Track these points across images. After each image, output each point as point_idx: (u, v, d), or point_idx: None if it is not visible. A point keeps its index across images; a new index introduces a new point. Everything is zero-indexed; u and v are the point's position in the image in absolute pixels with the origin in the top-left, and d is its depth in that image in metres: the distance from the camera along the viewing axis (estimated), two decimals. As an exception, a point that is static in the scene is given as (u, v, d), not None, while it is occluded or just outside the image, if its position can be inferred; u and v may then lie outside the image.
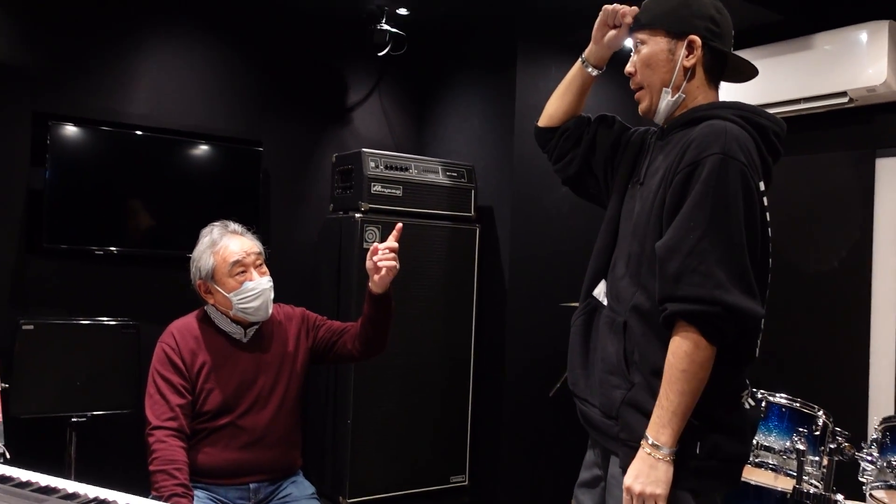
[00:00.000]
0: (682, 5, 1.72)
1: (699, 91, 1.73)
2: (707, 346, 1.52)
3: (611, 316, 1.75)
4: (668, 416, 1.53)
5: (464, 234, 3.54)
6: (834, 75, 3.00)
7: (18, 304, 3.09)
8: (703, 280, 1.51)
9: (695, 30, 1.69)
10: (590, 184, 2.01)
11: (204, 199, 3.41)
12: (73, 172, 3.13)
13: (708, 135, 1.59)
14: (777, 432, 2.49)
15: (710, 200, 1.54)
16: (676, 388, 1.53)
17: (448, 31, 3.92)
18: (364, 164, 3.32)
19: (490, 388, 3.59)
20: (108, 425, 3.12)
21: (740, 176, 1.55)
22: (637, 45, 1.77)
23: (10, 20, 3.07)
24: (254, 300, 2.21)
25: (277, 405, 2.27)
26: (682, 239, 1.55)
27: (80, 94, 3.22)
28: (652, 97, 1.75)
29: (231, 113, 3.59)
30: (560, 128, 2.02)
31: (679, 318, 1.54)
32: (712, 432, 1.60)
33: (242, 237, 2.30)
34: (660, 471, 1.54)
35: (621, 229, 1.82)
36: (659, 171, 1.69)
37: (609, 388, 1.69)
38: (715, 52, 1.72)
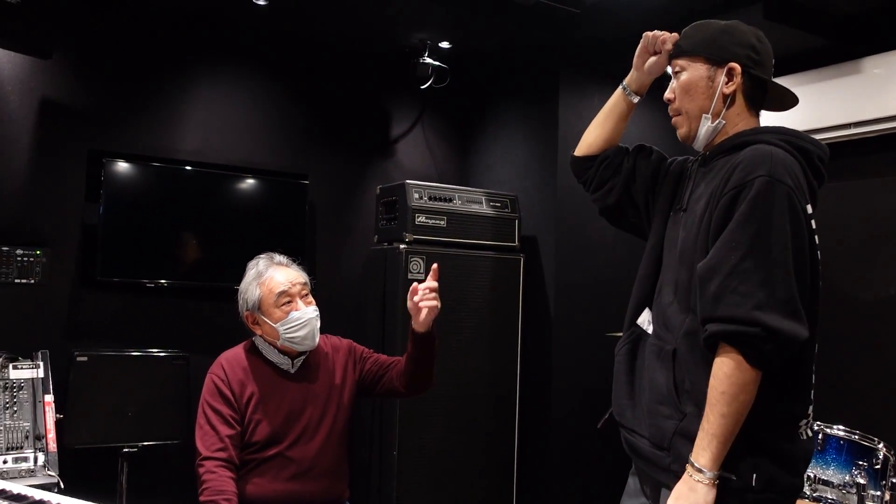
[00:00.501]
0: (723, 33, 1.73)
1: (739, 118, 1.72)
2: (748, 369, 1.49)
3: (658, 344, 1.72)
4: (709, 439, 1.51)
5: (508, 264, 3.53)
6: (884, 99, 2.94)
7: (73, 337, 3.17)
8: (742, 300, 1.49)
9: (735, 57, 1.69)
10: (629, 213, 2.00)
11: (251, 231, 3.47)
12: (125, 207, 3.22)
13: (754, 158, 1.58)
14: (836, 465, 2.41)
15: (754, 222, 1.52)
16: (717, 410, 1.50)
17: (490, 62, 3.95)
18: (408, 195, 3.35)
19: (536, 418, 3.55)
20: (159, 455, 3.16)
21: (787, 198, 1.54)
22: (676, 71, 1.77)
23: (67, 63, 3.19)
24: (300, 329, 2.23)
25: (325, 436, 2.28)
26: (724, 259, 1.53)
27: (133, 131, 3.33)
28: (691, 123, 1.75)
29: (277, 147, 3.67)
30: (600, 156, 2.03)
31: (720, 338, 1.52)
32: (768, 463, 1.56)
33: (288, 268, 2.33)
34: (699, 493, 1.52)
35: (665, 257, 1.81)
36: (703, 196, 1.68)
37: (660, 418, 1.66)
38: (755, 79, 1.72)
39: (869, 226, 3.13)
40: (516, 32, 3.48)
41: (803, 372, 1.63)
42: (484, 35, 3.57)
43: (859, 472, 2.32)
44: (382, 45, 3.78)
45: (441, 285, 3.29)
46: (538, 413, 3.54)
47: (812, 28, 3.08)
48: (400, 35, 3.61)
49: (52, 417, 2.61)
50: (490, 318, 3.47)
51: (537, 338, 3.57)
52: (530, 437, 3.56)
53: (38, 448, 2.53)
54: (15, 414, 2.56)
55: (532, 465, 3.56)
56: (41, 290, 3.11)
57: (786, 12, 2.98)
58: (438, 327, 3.29)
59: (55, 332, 3.14)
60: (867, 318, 3.10)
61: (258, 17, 3.45)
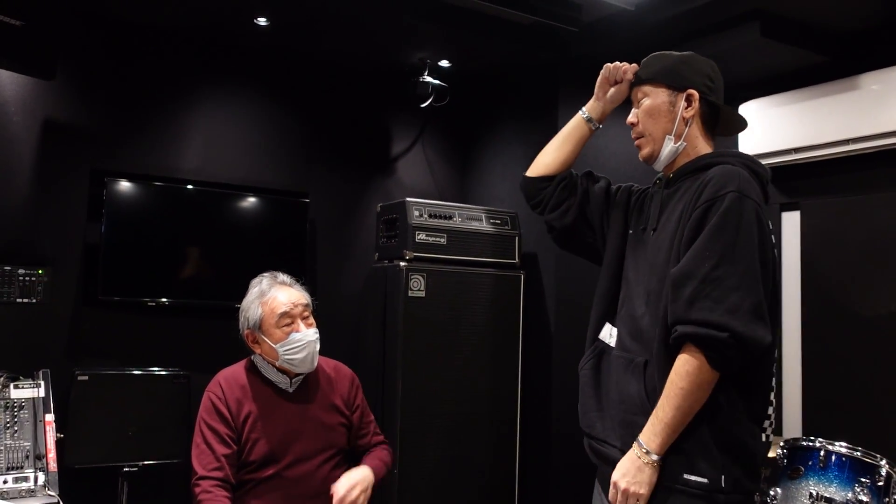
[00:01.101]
0: (682, 63, 1.88)
1: (698, 140, 1.88)
2: (709, 371, 1.61)
3: (626, 357, 1.82)
4: (661, 427, 1.65)
5: (509, 281, 3.54)
6: (882, 115, 2.95)
7: (74, 356, 3.17)
8: (715, 305, 1.60)
9: (693, 84, 1.85)
10: (586, 234, 2.13)
11: (253, 250, 3.48)
12: (127, 226, 3.23)
13: (723, 175, 1.71)
14: (838, 483, 2.39)
15: (726, 233, 1.65)
16: (673, 402, 1.63)
17: (489, 80, 3.98)
18: (408, 212, 3.36)
19: (537, 435, 3.54)
20: (159, 475, 3.15)
21: (754, 213, 1.67)
22: (640, 97, 1.92)
23: (70, 84, 3.21)
24: (299, 352, 2.23)
25: (323, 458, 2.27)
26: (698, 266, 1.65)
27: (135, 151, 3.34)
28: (654, 144, 1.88)
29: (278, 166, 3.68)
30: (557, 177, 2.14)
31: (689, 339, 1.64)
32: (735, 466, 1.67)
33: (291, 288, 2.34)
34: (645, 473, 1.66)
35: (630, 276, 1.91)
36: (674, 213, 1.80)
37: (636, 428, 1.75)
38: (711, 105, 1.87)
39: (868, 242, 3.13)
40: (515, 51, 3.50)
41: (766, 375, 1.74)
42: (483, 54, 3.60)
43: (862, 490, 2.31)
44: (382, 64, 3.80)
45: (441, 302, 3.34)
46: (539, 430, 3.53)
47: (809, 45, 3.10)
48: (400, 54, 3.64)
49: (53, 437, 2.60)
50: (490, 334, 3.47)
51: (538, 354, 3.57)
52: (531, 454, 3.55)
53: (39, 468, 2.53)
54: (16, 434, 2.56)
55: (533, 482, 3.54)
56: (43, 310, 3.11)
57: (783, 30, 3.00)
58: (440, 344, 3.32)
59: (56, 351, 3.14)
60: (868, 334, 3.10)
61: (259, 37, 3.48)
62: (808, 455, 2.49)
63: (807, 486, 2.44)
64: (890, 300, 3.04)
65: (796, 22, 3.02)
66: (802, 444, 2.53)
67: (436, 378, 3.32)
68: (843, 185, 3.23)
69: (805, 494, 2.42)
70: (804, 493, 2.43)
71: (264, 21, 3.25)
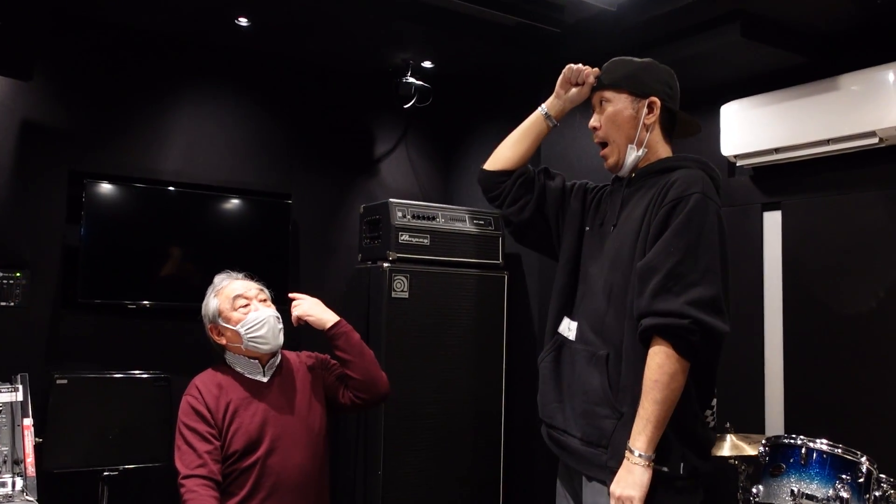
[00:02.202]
0: (643, 70, 1.95)
1: (659, 146, 1.95)
2: (678, 359, 1.68)
3: (588, 350, 1.89)
4: (643, 424, 1.69)
5: (492, 281, 3.54)
6: (862, 116, 2.98)
7: (53, 359, 3.13)
8: (675, 297, 1.69)
9: (654, 92, 1.92)
10: (540, 228, 2.19)
11: (235, 251, 3.46)
12: (107, 229, 3.20)
13: (688, 178, 1.80)
14: (819, 480, 2.41)
15: (690, 231, 1.73)
16: (650, 397, 1.68)
17: (472, 81, 3.98)
18: (391, 214, 3.35)
19: (522, 436, 3.54)
20: (141, 479, 3.12)
21: (716, 214, 1.78)
22: (602, 102, 1.99)
23: (47, 85, 3.18)
24: (260, 328, 2.27)
25: (304, 445, 2.28)
26: (662, 262, 1.73)
27: (115, 152, 3.31)
28: (619, 153, 1.95)
29: (261, 167, 3.66)
30: (515, 172, 2.21)
31: (653, 331, 1.71)
32: (691, 454, 1.76)
33: (244, 280, 2.41)
34: (635, 475, 1.69)
35: (589, 269, 1.98)
36: (636, 210, 1.87)
37: (598, 418, 1.82)
38: (669, 111, 1.95)
39: (848, 241, 3.15)
40: (498, 52, 3.51)
41: (714, 367, 1.83)
42: (466, 55, 3.60)
43: (843, 486, 2.32)
44: (365, 64, 3.80)
45: (425, 303, 3.33)
46: (524, 430, 3.53)
47: (789, 46, 3.12)
48: (383, 55, 3.63)
49: (31, 441, 2.56)
50: (474, 335, 3.47)
51: (522, 354, 3.57)
52: (516, 455, 3.55)
53: (17, 473, 2.49)
54: (-7, 438, 2.52)
55: (518, 483, 3.54)
56: (21, 313, 3.07)
57: (763, 30, 3.02)
58: (424, 345, 3.32)
59: (35, 354, 3.10)
60: (849, 333, 3.12)
61: (240, 38, 3.46)
62: (789, 452, 2.50)
63: (788, 484, 2.45)
64: (870, 298, 3.07)
65: (776, 23, 3.04)
66: (784, 441, 2.54)
67: (420, 379, 3.31)
68: (824, 185, 3.25)
69: (787, 492, 2.44)
70: (786, 490, 2.44)
71: (245, 22, 3.23)
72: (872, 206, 3.09)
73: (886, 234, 3.04)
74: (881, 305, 3.03)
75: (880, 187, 3.07)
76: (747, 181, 3.51)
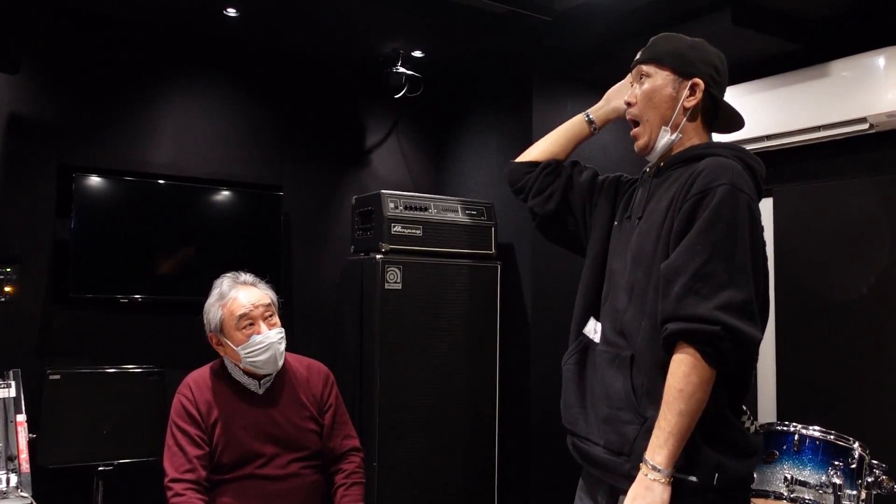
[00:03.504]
0: (690, 48, 1.79)
1: (695, 132, 1.79)
2: (706, 367, 1.53)
3: (611, 351, 1.75)
4: (665, 437, 1.53)
5: (485, 271, 3.53)
6: (852, 102, 2.98)
7: (45, 354, 3.12)
8: (704, 301, 1.54)
9: (700, 73, 1.76)
10: (568, 221, 2.06)
11: (227, 244, 3.45)
12: (97, 222, 3.18)
13: (716, 167, 1.64)
14: (812, 466, 2.42)
15: (718, 227, 1.58)
16: (674, 408, 1.53)
17: (463, 71, 3.96)
18: (384, 205, 3.34)
19: (516, 427, 3.55)
20: (135, 473, 3.11)
21: (747, 207, 1.61)
22: (641, 77, 1.81)
23: (35, 78, 3.15)
24: (261, 354, 2.20)
25: (294, 457, 2.25)
26: (689, 261, 1.58)
27: (104, 145, 3.29)
28: (651, 134, 1.80)
29: (251, 159, 3.64)
30: (541, 163, 2.08)
31: (679, 337, 1.56)
32: (725, 459, 1.60)
33: (253, 288, 2.29)
34: (656, 492, 1.54)
35: (614, 265, 1.84)
36: (661, 203, 1.73)
37: (620, 424, 1.68)
38: (713, 98, 1.78)
39: (838, 227, 3.16)
40: (489, 41, 3.49)
41: (749, 372, 1.69)
42: (457, 44, 3.58)
43: (835, 472, 2.33)
44: (355, 54, 3.77)
45: (418, 295, 3.33)
46: (518, 421, 3.54)
47: (780, 32, 3.11)
48: (373, 45, 3.61)
49: (25, 437, 2.55)
50: (468, 326, 3.47)
51: (516, 345, 3.57)
52: (510, 446, 3.56)
53: (11, 469, 2.48)
54: (-14, 435, 2.51)
55: (513, 474, 3.55)
56: (12, 308, 3.05)
57: (754, 17, 3.01)
58: (417, 336, 3.31)
59: (27, 350, 3.09)
60: (840, 319, 3.14)
61: (229, 29, 3.44)
62: (782, 439, 2.52)
63: (782, 470, 2.46)
64: (861, 284, 3.08)
65: (767, 9, 3.04)
66: (777, 428, 2.55)
67: (413, 370, 3.32)
68: (815, 172, 3.26)
69: (780, 478, 2.45)
70: (779, 476, 2.46)
71: (234, 12, 3.21)
72: (864, 192, 3.09)
73: (878, 221, 3.05)
74: (872, 292, 3.04)
75: (871, 173, 3.08)
76: (739, 168, 3.51)
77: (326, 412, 2.36)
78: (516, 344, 3.57)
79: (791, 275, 3.32)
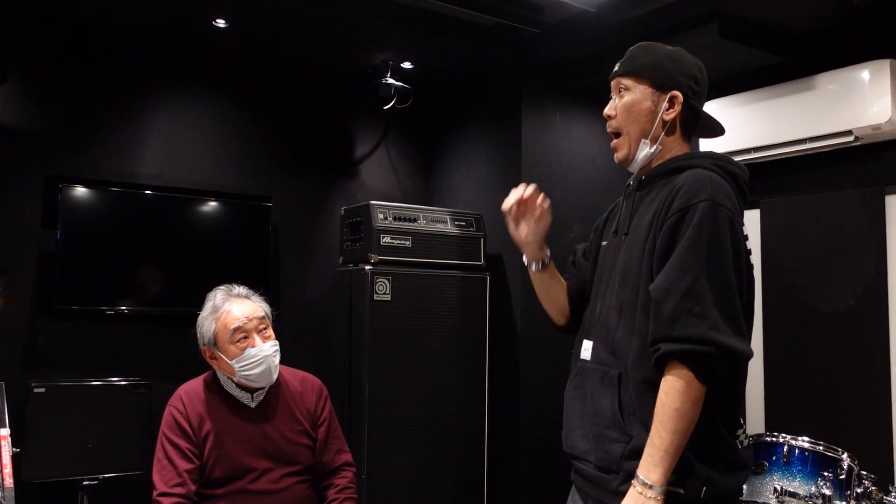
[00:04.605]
0: (668, 59, 1.79)
1: (675, 144, 1.80)
2: (699, 386, 1.56)
3: (601, 370, 1.76)
4: (660, 455, 1.55)
5: (474, 282, 3.53)
6: (838, 114, 3.01)
7: (30, 367, 3.08)
8: (697, 321, 1.55)
9: (678, 86, 1.76)
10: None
11: (214, 255, 3.43)
12: (83, 234, 3.16)
13: (695, 182, 1.65)
14: (801, 477, 2.43)
15: (703, 245, 1.59)
16: (669, 426, 1.55)
17: (452, 82, 3.97)
18: (373, 216, 3.34)
19: (506, 438, 3.54)
20: (121, 488, 3.08)
21: (728, 222, 1.62)
22: (620, 89, 1.81)
23: (21, 88, 3.13)
24: (256, 367, 2.18)
25: (287, 471, 2.23)
26: (677, 281, 1.59)
27: (90, 156, 3.27)
28: (630, 146, 1.80)
29: (240, 170, 3.63)
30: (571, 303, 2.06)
31: (672, 357, 1.57)
32: (714, 473, 1.62)
33: (246, 300, 2.27)
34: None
35: (604, 283, 1.85)
36: (645, 217, 1.73)
37: (607, 442, 1.69)
38: (692, 108, 1.79)
39: (825, 238, 3.19)
40: (478, 52, 3.50)
41: (740, 385, 1.70)
42: (446, 55, 3.59)
43: (825, 483, 2.34)
44: (344, 65, 3.77)
45: (407, 306, 3.32)
46: (507, 432, 3.53)
47: (767, 46, 3.14)
48: (362, 56, 3.61)
49: (9, 452, 2.52)
50: (457, 337, 3.46)
51: (505, 356, 3.57)
52: (499, 457, 3.55)
53: (-6, 484, 2.45)
54: (-31, 449, 2.48)
55: (502, 484, 3.54)
56: (-4, 320, 3.02)
57: (741, 31, 3.04)
58: (406, 347, 3.30)
59: (11, 362, 3.05)
60: (827, 330, 3.16)
61: (218, 39, 3.43)
62: (771, 450, 2.53)
63: (771, 481, 2.47)
64: (848, 295, 3.10)
65: (754, 23, 3.07)
66: (766, 439, 2.56)
67: (403, 381, 3.30)
68: (802, 184, 3.28)
69: (770, 489, 2.46)
70: (769, 487, 2.46)
71: (223, 23, 3.20)
72: (850, 203, 3.12)
73: (864, 232, 3.07)
74: (859, 302, 3.06)
75: (857, 185, 3.11)
76: (726, 180, 3.53)
77: (320, 426, 2.34)
78: (505, 355, 3.57)
79: (778, 286, 3.34)
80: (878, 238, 3.03)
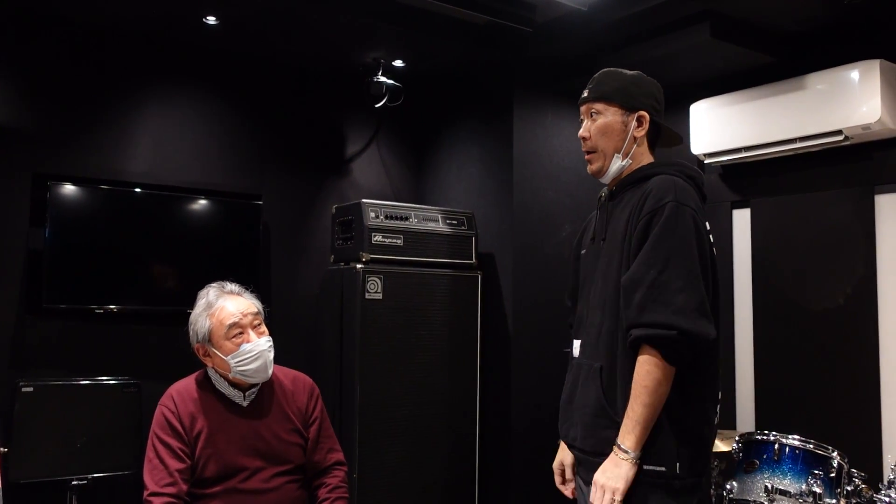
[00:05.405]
0: (633, 84, 2.02)
1: (643, 156, 2.03)
2: (665, 366, 1.77)
3: (587, 364, 1.96)
4: (632, 425, 1.78)
5: (466, 281, 3.53)
6: (828, 114, 3.02)
7: (18, 366, 3.06)
8: (662, 308, 1.77)
9: (644, 107, 2.00)
10: None
11: (205, 254, 3.41)
12: (72, 232, 3.13)
13: (661, 186, 1.88)
14: (792, 475, 2.44)
15: (668, 240, 1.81)
16: (640, 400, 1.77)
17: (444, 81, 3.97)
18: (364, 214, 3.33)
19: (497, 435, 3.54)
20: (110, 487, 3.06)
21: (692, 219, 1.84)
22: (592, 113, 2.04)
23: (10, 86, 3.10)
24: (252, 362, 2.17)
25: (279, 470, 2.22)
26: (645, 273, 1.81)
27: (80, 153, 3.24)
28: (604, 161, 2.02)
29: (230, 168, 3.61)
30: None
31: (643, 341, 1.79)
32: (689, 452, 1.82)
33: (239, 297, 2.27)
34: (622, 469, 1.78)
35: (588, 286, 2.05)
36: (620, 222, 1.95)
37: (599, 430, 1.88)
38: (655, 124, 2.03)
39: (815, 237, 3.20)
40: (470, 51, 3.50)
41: (712, 365, 1.89)
42: (437, 54, 3.58)
43: (815, 481, 2.35)
44: (336, 64, 3.76)
45: (399, 304, 3.32)
46: (499, 428, 3.53)
47: (757, 46, 3.16)
48: (353, 54, 3.60)
49: (-3, 452, 2.51)
50: (448, 335, 3.46)
51: (496, 354, 3.57)
52: (491, 455, 3.55)
53: (-18, 484, 2.43)
54: (-44, 449, 2.46)
55: (493, 483, 3.54)
56: (-16, 319, 3.00)
57: (732, 31, 3.05)
58: (398, 346, 3.30)
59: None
60: (817, 328, 3.17)
61: (209, 37, 3.41)
62: (762, 449, 2.54)
63: (762, 480, 2.48)
64: (838, 294, 3.12)
65: (745, 23, 3.08)
66: (757, 438, 2.57)
67: (394, 380, 3.30)
68: (792, 183, 3.30)
69: (761, 487, 2.47)
70: (760, 486, 2.47)
71: (214, 20, 3.19)
72: (840, 203, 3.14)
73: (854, 231, 3.09)
74: (849, 301, 3.08)
75: (847, 185, 3.12)
76: (716, 179, 3.55)
77: (311, 425, 2.33)
78: (497, 353, 3.57)
79: (768, 285, 3.35)
80: (868, 237, 3.05)
